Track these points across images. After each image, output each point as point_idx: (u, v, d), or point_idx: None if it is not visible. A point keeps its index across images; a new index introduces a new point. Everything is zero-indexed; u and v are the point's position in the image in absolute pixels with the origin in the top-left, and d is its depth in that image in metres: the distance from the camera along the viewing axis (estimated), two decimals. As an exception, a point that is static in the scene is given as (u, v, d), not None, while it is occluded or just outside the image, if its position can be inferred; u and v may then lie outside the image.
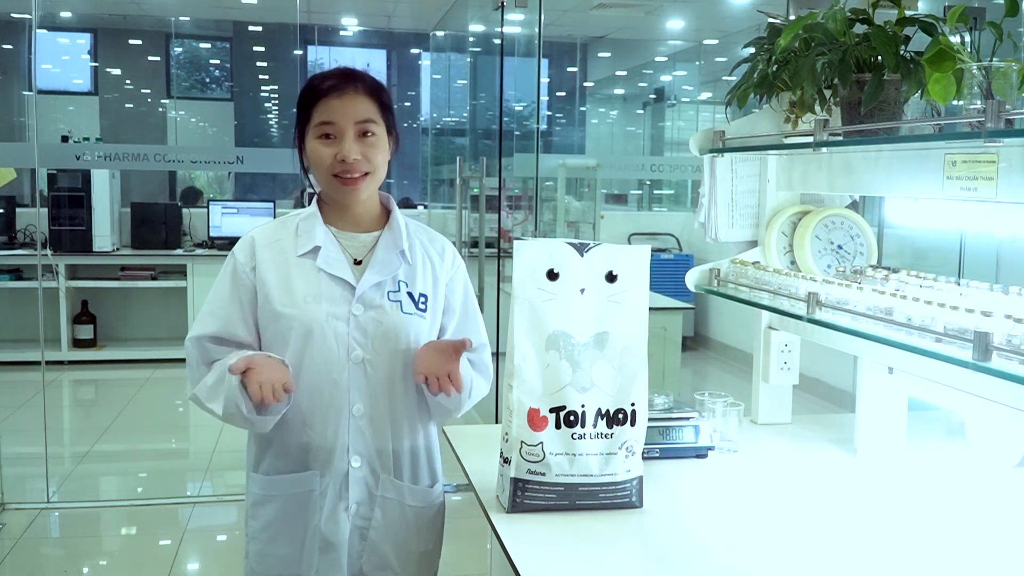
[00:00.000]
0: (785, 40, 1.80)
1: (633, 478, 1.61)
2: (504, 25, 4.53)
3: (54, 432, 4.94)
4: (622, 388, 1.58)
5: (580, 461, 1.56)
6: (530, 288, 1.56)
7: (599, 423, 1.57)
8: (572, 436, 1.56)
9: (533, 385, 1.55)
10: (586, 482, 1.57)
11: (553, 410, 1.55)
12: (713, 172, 2.22)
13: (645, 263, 1.62)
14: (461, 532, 2.11)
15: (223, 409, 1.61)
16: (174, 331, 7.03)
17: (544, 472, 1.55)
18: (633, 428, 1.59)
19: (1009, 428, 1.88)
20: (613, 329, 1.58)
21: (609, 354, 1.58)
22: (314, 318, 1.63)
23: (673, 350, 4.68)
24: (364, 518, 1.71)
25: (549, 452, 1.55)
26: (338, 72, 1.67)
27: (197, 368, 1.68)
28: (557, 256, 1.57)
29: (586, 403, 1.56)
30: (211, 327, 1.67)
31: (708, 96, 10.70)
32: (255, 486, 1.73)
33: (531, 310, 1.56)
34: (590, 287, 1.58)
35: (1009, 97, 1.38)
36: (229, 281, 1.69)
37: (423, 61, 11.35)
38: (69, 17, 10.03)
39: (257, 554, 1.72)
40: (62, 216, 6.48)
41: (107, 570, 3.58)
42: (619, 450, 1.58)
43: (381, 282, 1.68)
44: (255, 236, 1.72)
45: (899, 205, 2.10)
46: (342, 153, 1.62)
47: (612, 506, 1.60)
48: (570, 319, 1.56)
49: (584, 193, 4.87)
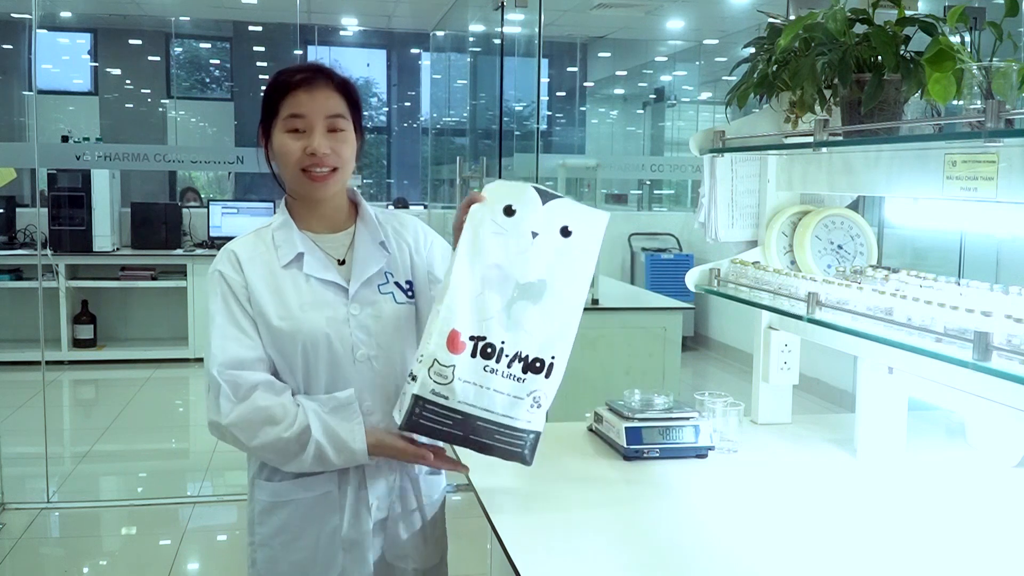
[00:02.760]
0: (785, 40, 1.80)
1: (532, 431, 1.57)
2: (504, 25, 4.53)
3: (54, 432, 4.94)
4: (548, 338, 1.55)
5: (486, 395, 1.53)
6: (484, 218, 1.54)
7: (515, 365, 1.53)
8: (485, 368, 1.52)
9: (461, 308, 1.52)
10: (486, 417, 1.53)
11: (473, 338, 1.52)
12: (713, 172, 2.22)
13: (602, 227, 1.59)
14: (461, 532, 2.11)
15: (330, 468, 1.62)
16: (174, 331, 7.03)
17: (448, 396, 1.51)
18: (546, 380, 1.56)
19: (1009, 428, 1.88)
20: (556, 281, 1.55)
21: (545, 303, 1.55)
22: (316, 326, 1.61)
23: (673, 350, 4.67)
24: (384, 511, 1.71)
25: (458, 377, 1.51)
26: (307, 66, 1.64)
27: (230, 400, 1.58)
28: (519, 196, 1.56)
29: (507, 341, 1.53)
30: (233, 351, 1.59)
31: (708, 96, 10.70)
32: (263, 494, 1.68)
33: (478, 238, 1.54)
34: (543, 234, 1.55)
35: (1009, 97, 1.38)
36: (231, 300, 1.62)
37: (423, 61, 11.36)
38: (69, 17, 10.03)
39: (267, 561, 1.69)
40: (62, 216, 6.49)
41: (107, 570, 3.58)
42: (526, 397, 1.54)
43: (370, 278, 1.67)
44: (236, 251, 1.65)
45: (899, 205, 2.10)
46: (312, 146, 1.60)
47: (503, 452, 1.56)
48: (514, 258, 1.54)
49: (584, 193, 4.87)
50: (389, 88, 12.02)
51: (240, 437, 1.58)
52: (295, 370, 1.62)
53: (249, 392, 1.57)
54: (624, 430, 1.94)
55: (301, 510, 1.66)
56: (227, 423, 1.57)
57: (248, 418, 1.57)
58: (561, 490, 1.79)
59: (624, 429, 1.94)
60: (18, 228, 6.85)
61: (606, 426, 2.04)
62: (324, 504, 1.66)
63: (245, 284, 1.62)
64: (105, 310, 7.08)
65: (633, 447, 1.93)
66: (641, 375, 4.54)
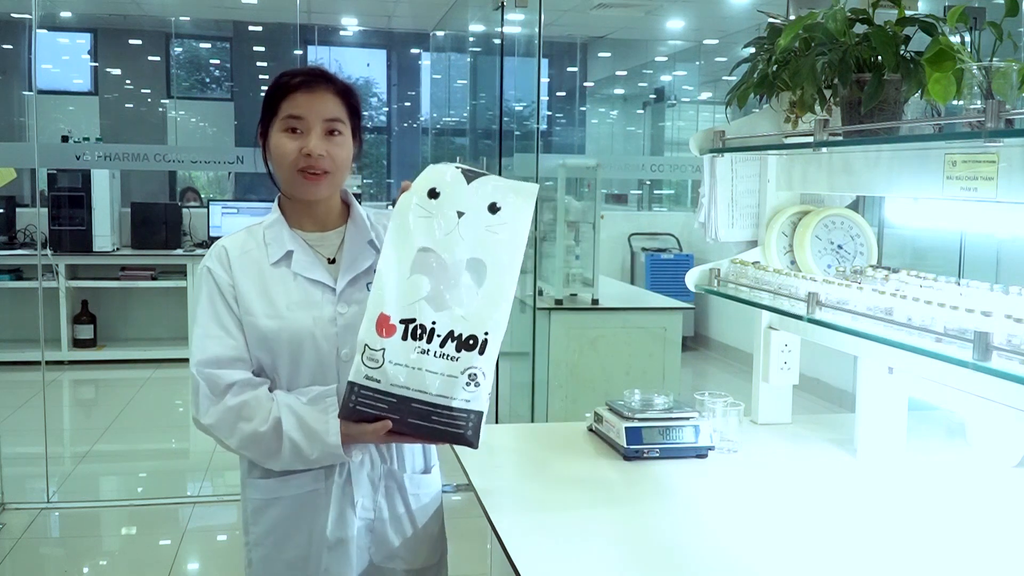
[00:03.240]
0: (785, 40, 1.80)
1: (471, 410, 1.53)
2: (504, 25, 4.53)
3: (54, 432, 4.94)
4: (480, 315, 1.53)
5: (418, 376, 1.51)
6: (410, 203, 1.56)
7: (448, 344, 1.52)
8: (416, 350, 1.51)
9: (389, 293, 1.52)
10: (420, 399, 1.52)
11: (404, 321, 1.52)
12: (713, 172, 2.22)
13: (531, 200, 1.59)
14: (461, 532, 2.11)
15: (310, 464, 1.60)
16: (174, 331, 7.03)
17: (380, 379, 1.51)
18: (481, 356, 1.53)
19: (1009, 428, 1.88)
20: (486, 258, 1.55)
21: (476, 281, 1.54)
22: (302, 325, 1.62)
23: (673, 350, 4.67)
24: (369, 510, 1.71)
25: (389, 360, 1.51)
26: (309, 70, 1.66)
27: (209, 398, 1.60)
28: (443, 178, 1.57)
29: (438, 321, 1.52)
30: (212, 350, 1.61)
31: (708, 96, 10.70)
32: (255, 492, 1.70)
33: (404, 223, 1.55)
34: (470, 213, 1.55)
35: (1009, 97, 1.38)
36: (217, 298, 1.63)
37: (423, 61, 11.36)
38: (69, 17, 10.03)
39: (262, 560, 1.70)
40: (62, 216, 6.49)
41: (107, 570, 3.58)
42: (461, 375, 1.52)
43: (357, 276, 1.67)
44: (227, 247, 1.66)
45: (899, 205, 2.10)
46: (307, 147, 1.60)
47: (445, 436, 1.54)
48: (441, 239, 1.54)
49: (584, 193, 4.86)
50: (389, 88, 12.02)
51: (220, 436, 1.60)
52: (280, 368, 1.63)
53: (226, 391, 1.59)
54: (624, 430, 1.94)
55: (291, 508, 1.67)
56: (207, 423, 1.60)
57: (224, 416, 1.59)
58: (561, 490, 1.79)
59: (624, 429, 1.94)
60: (18, 228, 6.85)
61: (606, 426, 2.04)
62: (312, 502, 1.66)
63: (232, 283, 1.63)
64: (105, 310, 7.08)
65: (633, 447, 1.93)
66: (641, 375, 4.54)
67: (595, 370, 4.53)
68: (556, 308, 4.56)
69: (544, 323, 4.50)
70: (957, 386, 1.61)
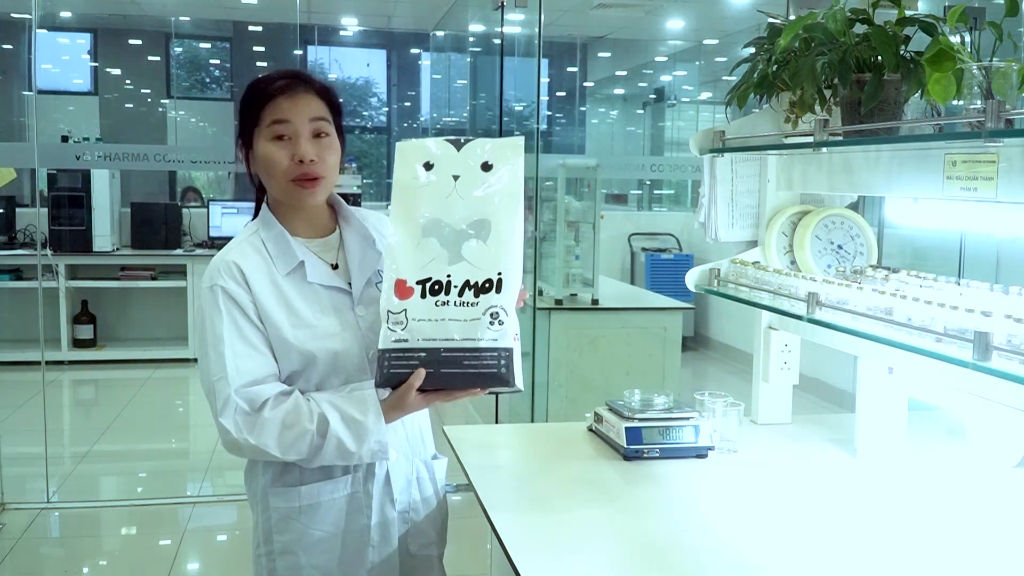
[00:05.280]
0: (785, 40, 1.80)
1: (500, 348, 1.54)
2: (504, 25, 4.52)
3: (54, 432, 4.95)
4: (491, 260, 1.57)
5: (442, 326, 1.54)
6: (405, 178, 1.59)
7: (466, 292, 1.55)
8: (436, 303, 1.55)
9: (403, 260, 1.56)
10: (448, 347, 1.53)
11: (420, 281, 1.56)
12: (713, 172, 2.22)
13: (519, 151, 1.62)
14: (461, 532, 2.11)
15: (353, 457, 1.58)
16: (174, 331, 7.03)
17: (407, 338, 1.54)
18: (499, 295, 1.55)
19: (1009, 428, 1.88)
20: (490, 215, 1.58)
21: (483, 235, 1.58)
22: (331, 332, 1.62)
23: (673, 350, 4.67)
24: (405, 503, 1.73)
25: (412, 318, 1.54)
26: (286, 73, 1.63)
27: (248, 416, 1.55)
28: (434, 150, 1.60)
29: (452, 274, 1.56)
30: (249, 370, 1.56)
31: (708, 96, 10.70)
32: (280, 500, 1.66)
33: (405, 197, 1.58)
34: (464, 175, 1.59)
35: (1009, 97, 1.38)
36: (239, 318, 1.58)
37: (423, 61, 11.35)
38: (69, 17, 10.02)
39: (289, 568, 1.66)
40: (62, 216, 6.49)
41: (107, 570, 3.58)
42: (483, 316, 1.54)
43: (369, 277, 1.68)
44: (237, 263, 1.61)
45: (899, 205, 2.10)
46: (299, 154, 1.59)
47: (479, 378, 1.53)
48: (442, 203, 1.58)
49: (584, 193, 4.86)
50: (389, 88, 12.01)
51: (267, 449, 1.55)
52: (312, 376, 1.61)
53: (263, 406, 1.56)
54: (624, 430, 1.94)
55: (322, 513, 1.65)
56: (255, 442, 1.54)
57: (268, 430, 1.55)
58: (561, 490, 1.79)
59: (624, 429, 1.94)
60: (18, 228, 6.85)
61: (606, 426, 2.04)
62: (349, 504, 1.66)
63: (253, 299, 1.59)
64: (105, 310, 7.08)
65: (633, 447, 1.93)
66: (641, 375, 4.54)
67: (595, 370, 4.53)
68: (556, 308, 4.56)
69: (544, 323, 4.50)
70: (957, 386, 1.61)
